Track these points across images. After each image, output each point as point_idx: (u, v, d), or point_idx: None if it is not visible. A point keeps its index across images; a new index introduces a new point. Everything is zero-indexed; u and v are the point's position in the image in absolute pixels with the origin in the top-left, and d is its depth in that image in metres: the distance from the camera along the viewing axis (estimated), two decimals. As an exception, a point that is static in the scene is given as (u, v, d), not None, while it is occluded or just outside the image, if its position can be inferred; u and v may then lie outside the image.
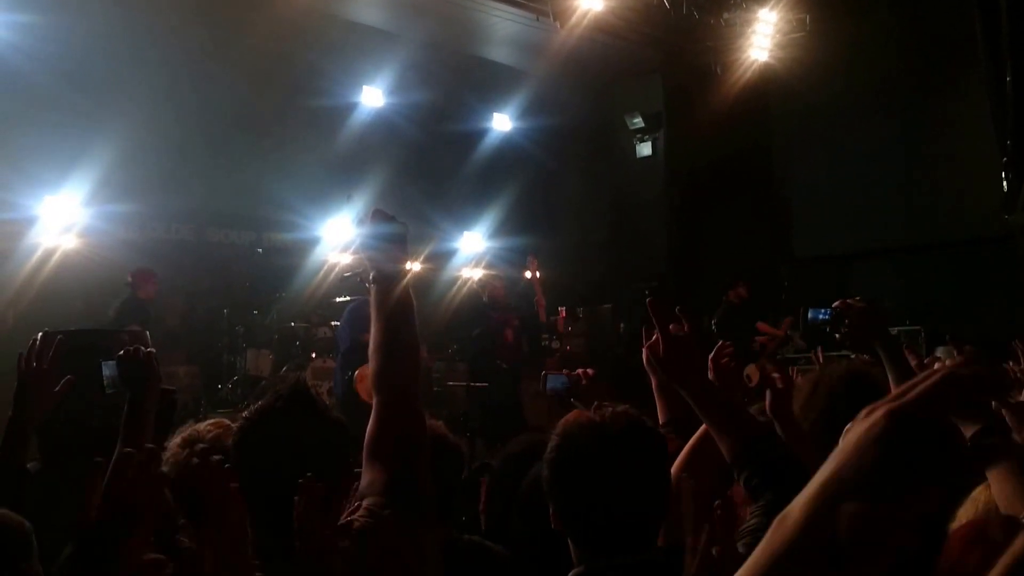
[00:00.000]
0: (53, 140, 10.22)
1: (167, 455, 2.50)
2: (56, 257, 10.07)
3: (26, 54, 9.82)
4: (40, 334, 2.94)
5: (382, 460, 2.03)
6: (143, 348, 2.76)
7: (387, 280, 2.22)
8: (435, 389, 10.65)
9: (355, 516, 1.94)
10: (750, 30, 11.33)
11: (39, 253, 9.96)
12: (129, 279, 9.40)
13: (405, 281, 2.23)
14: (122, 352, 2.71)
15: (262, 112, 11.73)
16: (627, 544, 1.93)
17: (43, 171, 10.53)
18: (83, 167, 11.24)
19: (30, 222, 10.28)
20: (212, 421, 2.61)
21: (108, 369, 2.84)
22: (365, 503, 1.97)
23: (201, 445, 2.29)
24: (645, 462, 1.97)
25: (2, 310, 9.24)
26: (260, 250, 10.72)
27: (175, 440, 2.52)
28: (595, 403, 2.03)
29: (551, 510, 2.01)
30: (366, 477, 2.04)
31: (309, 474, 1.73)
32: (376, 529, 1.92)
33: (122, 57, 11.22)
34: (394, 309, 2.18)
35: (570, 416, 2.02)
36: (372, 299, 2.22)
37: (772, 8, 11.15)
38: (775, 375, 2.59)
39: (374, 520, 1.93)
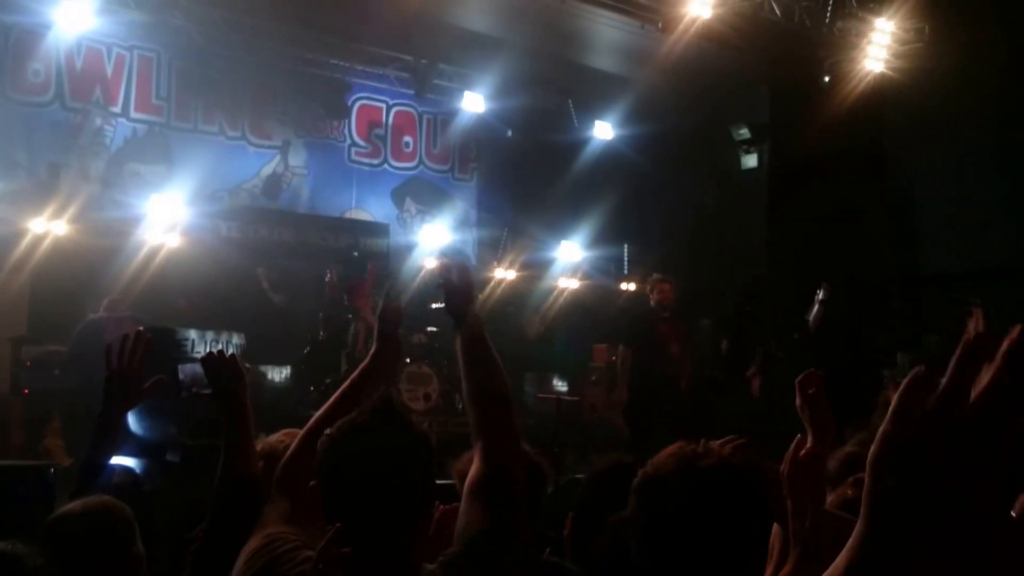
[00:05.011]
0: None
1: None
2: (161, 255, 10.29)
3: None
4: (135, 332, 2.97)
5: (483, 502, 2.05)
6: (225, 351, 2.80)
7: (460, 326, 2.27)
8: (526, 401, 10.54)
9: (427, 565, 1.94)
10: (864, 40, 10.97)
11: (145, 250, 10.19)
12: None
13: (478, 324, 2.27)
14: (206, 355, 2.74)
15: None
16: None
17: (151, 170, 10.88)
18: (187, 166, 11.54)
19: (137, 220, 10.54)
20: (284, 432, 2.63)
21: (184, 373, 2.92)
22: (465, 539, 2.00)
23: None
24: (731, 505, 1.87)
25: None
26: (356, 254, 10.78)
27: None
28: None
29: (633, 540, 1.94)
30: (464, 518, 2.06)
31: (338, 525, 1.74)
32: None
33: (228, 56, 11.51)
34: (475, 359, 2.22)
35: (668, 449, 1.94)
36: (458, 350, 2.28)
37: (889, 18, 10.76)
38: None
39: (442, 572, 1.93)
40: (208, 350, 2.91)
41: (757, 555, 1.96)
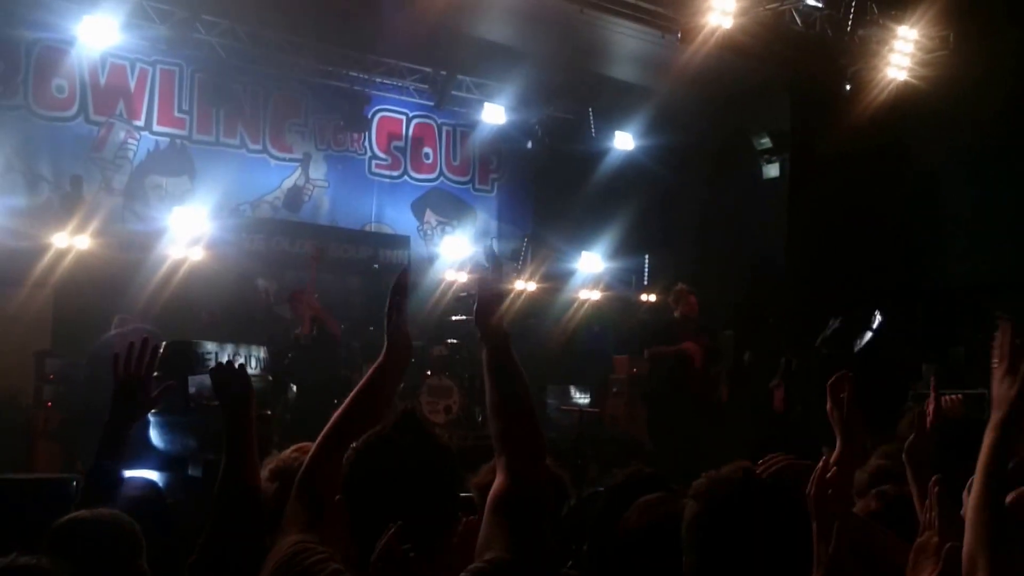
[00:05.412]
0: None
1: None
2: (184, 268, 10.32)
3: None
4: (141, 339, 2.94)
5: (506, 518, 2.02)
6: (247, 365, 2.77)
7: (487, 339, 2.23)
8: (548, 414, 10.48)
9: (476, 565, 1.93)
10: (887, 48, 10.89)
11: (167, 264, 10.23)
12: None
13: (505, 336, 2.23)
14: (215, 367, 2.71)
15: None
16: None
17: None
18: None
19: (160, 233, 10.59)
20: (296, 447, 2.60)
21: (194, 384, 2.89)
22: (488, 556, 1.97)
23: None
24: (788, 525, 1.90)
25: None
26: (376, 266, 10.78)
27: (263, 473, 2.48)
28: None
29: (686, 564, 1.95)
30: (485, 532, 2.03)
31: (399, 523, 1.69)
32: None
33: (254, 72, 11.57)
34: (500, 370, 2.19)
35: (715, 473, 1.93)
36: (483, 361, 2.25)
37: (912, 26, 10.67)
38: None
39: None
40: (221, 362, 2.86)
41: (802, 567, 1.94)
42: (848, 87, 11.17)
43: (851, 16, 10.61)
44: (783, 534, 1.87)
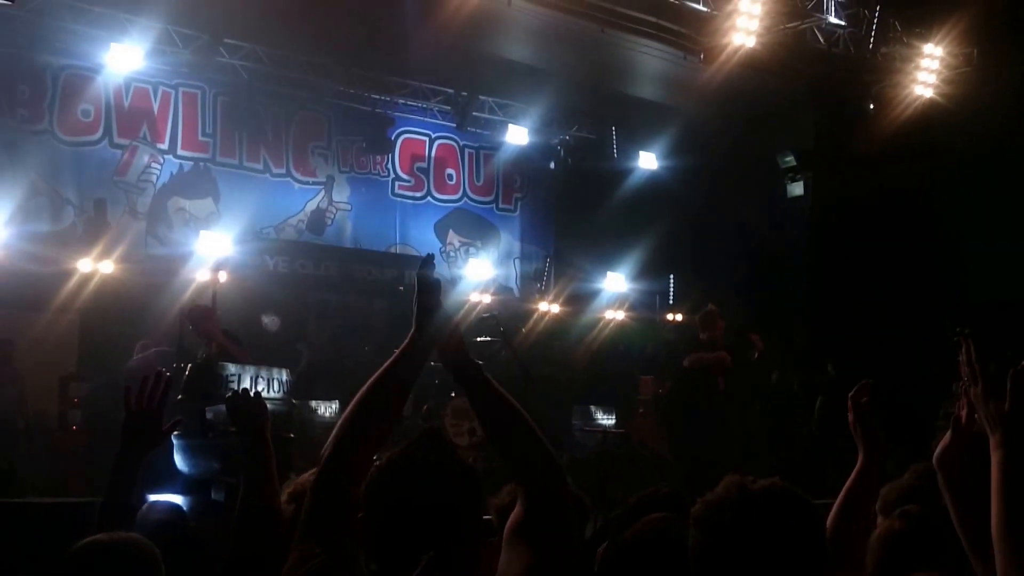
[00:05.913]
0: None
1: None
2: (209, 292, 10.32)
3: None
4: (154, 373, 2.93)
5: (525, 543, 1.97)
6: (269, 387, 2.79)
7: (458, 376, 2.16)
8: (573, 435, 10.42)
9: None
10: (911, 65, 10.85)
11: (192, 287, 10.24)
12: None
13: (478, 371, 2.14)
14: (230, 395, 2.71)
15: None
16: None
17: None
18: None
19: (185, 257, 10.63)
20: (314, 470, 2.57)
21: (211, 412, 2.91)
22: None
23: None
24: (796, 536, 1.84)
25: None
26: (401, 288, 10.76)
27: (282, 497, 2.46)
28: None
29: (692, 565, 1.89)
30: (504, 558, 1.98)
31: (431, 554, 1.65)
32: None
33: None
34: (487, 404, 2.11)
35: (710, 496, 1.88)
36: (469, 401, 2.18)
37: (937, 43, 10.62)
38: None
39: None
40: (253, 386, 2.87)
41: None
42: (871, 105, 11.12)
43: (873, 34, 10.58)
44: (785, 545, 1.81)
